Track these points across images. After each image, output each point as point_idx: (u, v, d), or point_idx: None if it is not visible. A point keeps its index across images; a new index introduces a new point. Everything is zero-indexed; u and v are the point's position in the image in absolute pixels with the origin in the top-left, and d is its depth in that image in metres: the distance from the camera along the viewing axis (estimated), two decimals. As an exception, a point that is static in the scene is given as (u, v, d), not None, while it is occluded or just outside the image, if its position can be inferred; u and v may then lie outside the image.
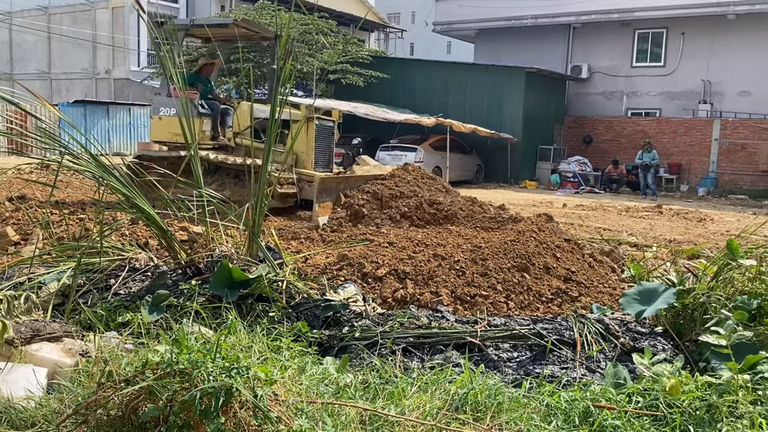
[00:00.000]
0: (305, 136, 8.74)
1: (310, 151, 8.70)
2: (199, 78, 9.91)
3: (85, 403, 1.95)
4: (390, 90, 22.84)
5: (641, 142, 21.78)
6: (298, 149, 8.77)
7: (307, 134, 8.73)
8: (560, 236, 6.00)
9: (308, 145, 8.73)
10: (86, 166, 3.76)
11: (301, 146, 8.78)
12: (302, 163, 8.73)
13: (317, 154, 8.95)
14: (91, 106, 25.22)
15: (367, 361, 3.43)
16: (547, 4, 25.07)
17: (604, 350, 3.71)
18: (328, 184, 7.55)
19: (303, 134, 8.74)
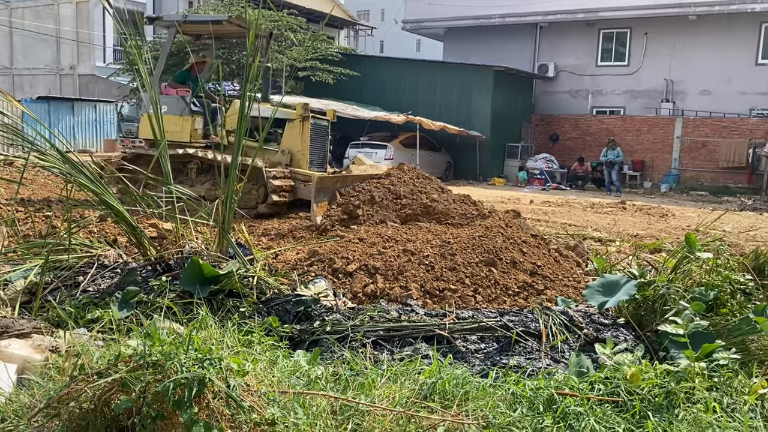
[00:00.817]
0: (300, 135, 8.69)
1: (305, 150, 8.64)
2: (189, 76, 9.80)
3: (57, 397, 1.97)
4: (360, 87, 22.86)
5: (606, 140, 22.22)
6: (293, 148, 8.72)
7: (302, 133, 8.67)
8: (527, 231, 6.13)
9: (303, 144, 8.68)
10: (53, 162, 3.73)
11: (296, 145, 8.72)
12: (297, 163, 8.68)
13: (312, 154, 8.90)
14: (56, 103, 24.71)
15: (338, 354, 3.49)
16: (514, 4, 25.36)
17: (568, 341, 3.82)
18: (326, 184, 7.52)
19: (298, 133, 8.69)
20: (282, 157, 8.63)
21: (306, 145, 8.67)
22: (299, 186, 8.37)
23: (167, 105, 9.00)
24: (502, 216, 6.20)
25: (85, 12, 31.76)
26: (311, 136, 8.89)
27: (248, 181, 8.16)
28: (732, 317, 4.01)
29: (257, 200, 8.25)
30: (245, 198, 8.15)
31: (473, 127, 21.73)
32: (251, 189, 8.27)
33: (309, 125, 8.72)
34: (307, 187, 8.17)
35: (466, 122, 21.76)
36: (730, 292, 4.23)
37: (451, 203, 7.09)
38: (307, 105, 8.97)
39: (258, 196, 8.27)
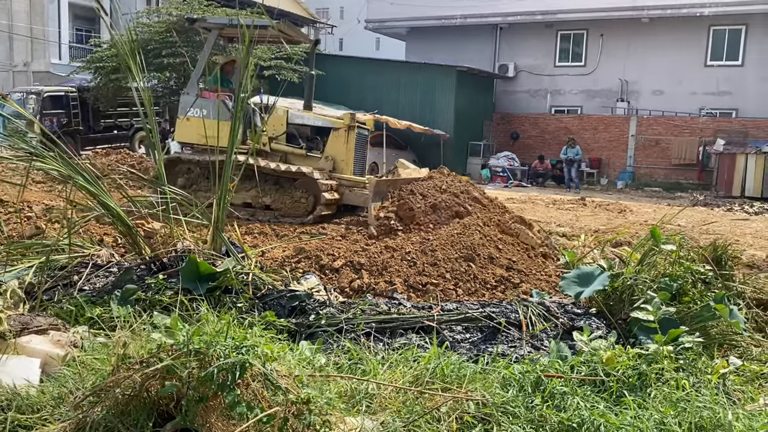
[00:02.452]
0: (345, 144, 8.73)
1: (349, 159, 8.70)
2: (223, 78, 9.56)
3: (103, 384, 2.13)
4: (324, 86, 22.95)
5: (565, 138, 22.87)
6: (337, 156, 8.75)
7: (347, 142, 8.71)
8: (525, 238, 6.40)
9: (348, 153, 8.73)
10: (53, 165, 3.84)
11: (340, 153, 8.76)
12: (340, 170, 8.71)
13: (355, 162, 8.95)
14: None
15: (336, 346, 3.70)
16: (475, 5, 25.83)
17: (546, 330, 4.11)
18: (381, 187, 7.66)
19: (343, 142, 8.72)
20: (325, 163, 8.64)
21: (351, 154, 8.72)
22: (344, 191, 8.42)
23: (206, 109, 8.83)
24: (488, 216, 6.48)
25: (39, 7, 30.98)
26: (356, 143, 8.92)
27: (297, 190, 8.20)
28: (694, 305, 4.37)
29: (306, 209, 8.22)
30: (295, 206, 8.14)
31: (437, 126, 22.10)
32: (300, 198, 8.27)
33: (354, 134, 8.76)
34: (353, 192, 8.28)
35: (430, 121, 22.11)
36: (692, 281, 4.60)
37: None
38: (353, 115, 8.95)
39: (307, 205, 8.26)
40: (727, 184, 19.86)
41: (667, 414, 2.89)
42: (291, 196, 8.26)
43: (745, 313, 4.56)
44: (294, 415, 2.04)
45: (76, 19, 32.68)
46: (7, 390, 2.48)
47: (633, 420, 2.86)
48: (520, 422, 2.81)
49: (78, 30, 32.94)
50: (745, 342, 4.32)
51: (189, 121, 8.90)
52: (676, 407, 3.01)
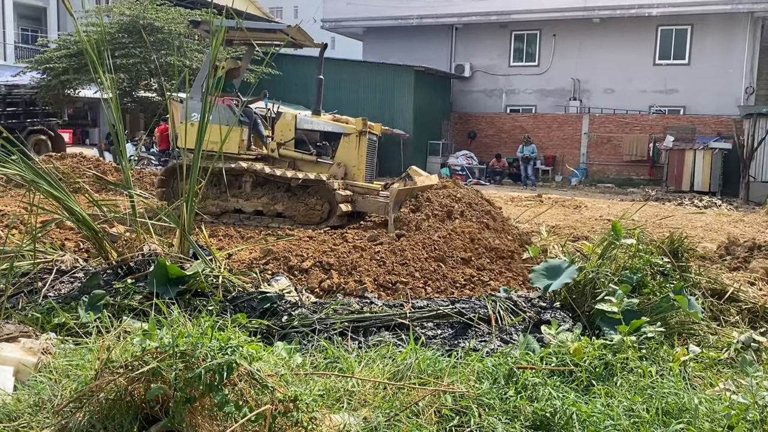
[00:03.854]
0: (357, 149, 8.51)
1: (361, 165, 8.50)
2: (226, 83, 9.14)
3: (87, 389, 2.12)
4: (282, 86, 22.84)
5: (521, 137, 23.29)
6: (349, 162, 8.52)
7: (358, 148, 8.51)
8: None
9: (360, 159, 8.52)
10: (17, 170, 3.75)
11: (351, 160, 8.54)
12: (352, 176, 8.50)
13: (366, 168, 8.75)
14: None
15: (311, 345, 3.72)
16: (431, 5, 26.06)
17: (515, 324, 4.22)
18: (402, 196, 7.51)
19: (354, 147, 8.50)
20: (337, 170, 8.45)
21: (363, 160, 8.52)
22: (358, 199, 8.23)
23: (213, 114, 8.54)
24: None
25: (-18, 6, 29.93)
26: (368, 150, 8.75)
27: (311, 197, 8.04)
28: (654, 296, 4.55)
29: (321, 216, 8.05)
30: (309, 214, 7.96)
31: (396, 126, 22.23)
32: (315, 205, 8.09)
33: (366, 140, 8.58)
34: (366, 199, 8.10)
35: (390, 121, 22.22)
36: (651, 274, 4.78)
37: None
38: (365, 120, 8.72)
39: (322, 212, 8.10)
40: (677, 179, 20.55)
41: (635, 401, 3.02)
42: (305, 203, 8.08)
43: (702, 303, 4.76)
44: (281, 414, 2.07)
45: (21, 19, 31.67)
46: (-19, 399, 2.43)
47: (603, 408, 2.97)
48: (496, 413, 2.89)
49: (24, 30, 31.94)
50: (703, 331, 4.52)
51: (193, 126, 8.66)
52: (643, 394, 3.15)
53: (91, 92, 21.36)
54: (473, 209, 6.53)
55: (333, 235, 6.00)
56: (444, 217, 6.24)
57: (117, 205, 4.63)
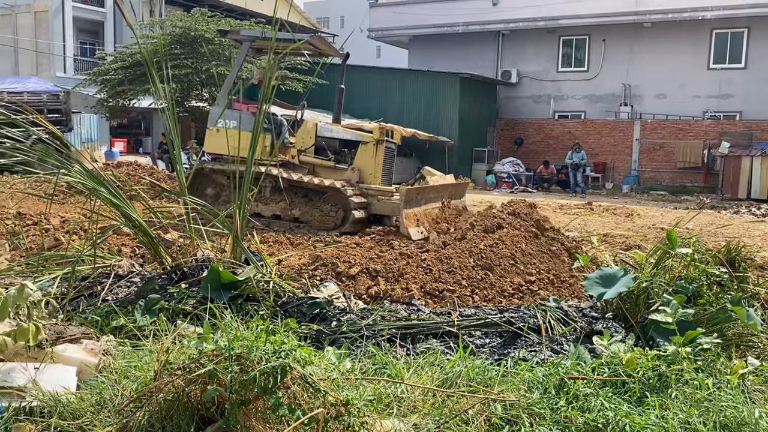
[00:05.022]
0: (374, 157, 8.82)
1: (377, 172, 8.79)
2: (257, 91, 9.72)
3: (146, 390, 2.19)
4: (329, 95, 23.08)
5: (569, 143, 22.94)
6: (366, 169, 8.84)
7: (375, 156, 8.82)
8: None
9: (376, 166, 8.83)
10: (79, 178, 3.91)
11: (368, 167, 8.85)
12: (367, 182, 8.81)
13: (383, 175, 9.02)
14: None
15: (360, 351, 3.75)
16: (477, 12, 26.00)
17: (566, 334, 4.16)
18: (412, 195, 7.78)
19: (371, 155, 8.82)
20: (352, 174, 8.74)
21: (379, 168, 8.79)
22: (373, 201, 8.49)
23: (238, 121, 8.90)
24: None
25: (45, 22, 31.26)
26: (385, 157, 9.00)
27: (326, 203, 8.29)
28: (710, 307, 4.41)
29: (335, 222, 8.29)
30: (324, 219, 8.20)
31: (441, 133, 22.21)
32: (330, 211, 8.34)
33: (383, 148, 8.84)
34: (381, 201, 8.33)
35: (434, 128, 22.22)
36: (707, 284, 4.64)
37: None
38: (383, 129, 9.04)
39: (336, 218, 8.33)
40: (732, 186, 19.88)
41: (691, 414, 2.94)
42: (320, 209, 8.30)
43: (761, 314, 4.59)
44: (334, 418, 2.09)
45: (80, 33, 32.95)
46: (49, 397, 2.54)
47: (657, 420, 2.90)
48: (547, 423, 2.86)
49: (82, 43, 33.21)
50: (762, 343, 4.36)
51: (218, 132, 8.99)
52: (699, 407, 3.06)
53: (145, 103, 22.06)
54: (520, 217, 6.47)
55: (379, 242, 6.04)
56: (491, 226, 6.21)
57: (171, 212, 4.76)
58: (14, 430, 2.36)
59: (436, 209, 8.60)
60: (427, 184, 7.90)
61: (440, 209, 8.70)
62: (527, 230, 6.37)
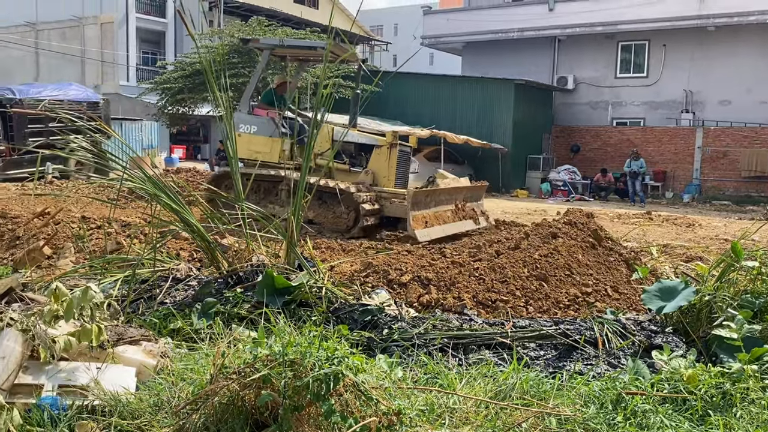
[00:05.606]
0: (387, 161, 9.06)
1: (391, 174, 9.00)
2: (276, 96, 10.04)
3: (202, 393, 2.23)
4: (381, 102, 23.23)
5: (627, 151, 22.37)
6: (379, 172, 9.05)
7: (389, 159, 9.04)
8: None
9: (390, 170, 9.04)
10: (140, 183, 4.03)
11: (382, 170, 9.06)
12: (381, 184, 9.03)
13: (397, 178, 9.23)
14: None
15: (411, 360, 3.73)
16: (533, 18, 25.70)
17: (623, 348, 4.04)
18: (420, 197, 7.93)
19: (385, 159, 9.06)
20: (365, 177, 8.95)
21: (393, 170, 8.99)
22: (385, 204, 8.66)
23: (257, 126, 9.31)
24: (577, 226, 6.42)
25: (110, 32, 32.55)
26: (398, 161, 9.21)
27: (339, 205, 8.48)
28: (778, 323, 4.21)
29: (348, 224, 8.48)
30: (336, 221, 8.40)
31: (495, 140, 22.00)
32: (342, 213, 8.52)
33: (396, 152, 9.03)
34: (394, 204, 8.49)
35: (488, 135, 22.03)
36: (775, 299, 4.43)
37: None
38: (396, 133, 9.29)
39: (348, 220, 8.51)
40: (802, 196, 18.99)
41: (758, 435, 2.81)
42: (333, 211, 8.49)
43: (834, 332, 4.35)
44: (386, 427, 2.09)
45: (142, 43, 34.14)
46: (109, 396, 2.62)
47: (721, 440, 2.79)
48: (603, 440, 2.78)
49: (145, 53, 34.40)
50: (835, 362, 4.13)
51: (240, 137, 9.27)
52: (766, 428, 2.92)
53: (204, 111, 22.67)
54: (577, 227, 6.34)
55: (431, 249, 6.01)
56: (546, 235, 6.10)
57: (228, 217, 4.86)
58: (77, 428, 2.44)
59: (448, 212, 8.65)
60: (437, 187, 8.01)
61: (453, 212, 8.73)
62: (584, 240, 6.22)
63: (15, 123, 17.15)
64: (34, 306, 2.94)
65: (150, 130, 26.86)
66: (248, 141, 9.25)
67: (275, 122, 9.31)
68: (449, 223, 8.66)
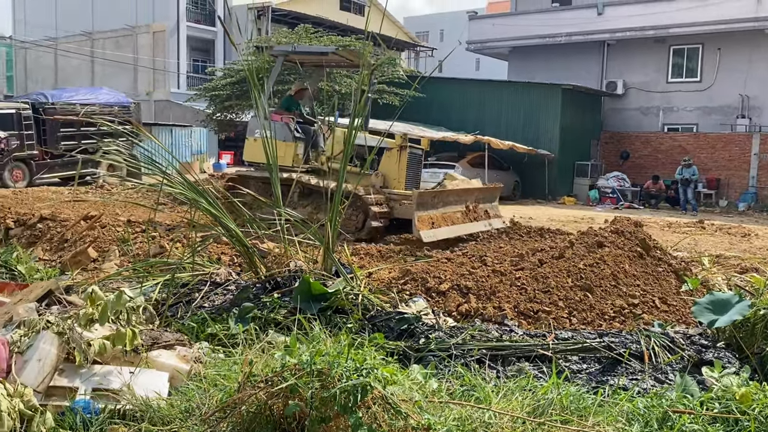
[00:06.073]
0: (397, 163, 9.21)
1: (401, 177, 9.14)
2: (294, 102, 10.36)
3: (230, 401, 2.20)
4: (425, 108, 23.14)
5: (679, 158, 21.69)
6: (390, 174, 9.20)
7: (399, 161, 9.19)
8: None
9: (400, 172, 9.19)
10: (180, 188, 4.06)
11: (392, 172, 9.22)
12: (392, 187, 9.18)
13: (407, 181, 9.36)
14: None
15: (447, 371, 3.64)
16: (581, 22, 25.25)
17: (671, 362, 3.86)
18: (425, 198, 8.05)
19: (395, 161, 9.21)
20: (376, 180, 9.10)
21: (402, 173, 9.13)
22: (395, 206, 8.80)
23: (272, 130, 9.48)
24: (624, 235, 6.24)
25: (162, 41, 33.43)
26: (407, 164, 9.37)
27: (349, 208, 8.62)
28: (840, 340, 3.96)
29: (356, 225, 8.65)
30: (345, 223, 8.53)
31: (541, 146, 21.64)
32: (351, 215, 8.67)
33: (406, 154, 9.17)
34: (403, 205, 8.61)
35: (534, 141, 21.68)
36: (837, 314, 4.17)
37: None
38: (405, 135, 9.47)
39: (357, 222, 8.67)
40: None
41: (818, 461, 2.62)
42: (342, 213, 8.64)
43: None
44: (414, 442, 2.01)
45: (193, 51, 34.94)
46: (141, 402, 2.61)
47: (777, 466, 2.61)
48: (648, 461, 2.64)
49: (195, 60, 35.19)
50: None
51: (256, 141, 9.57)
52: (827, 454, 2.73)
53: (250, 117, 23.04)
54: (624, 236, 6.13)
55: (472, 257, 5.90)
56: (592, 244, 5.92)
57: (262, 225, 4.87)
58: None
59: (458, 213, 8.71)
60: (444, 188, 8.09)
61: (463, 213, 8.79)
62: (631, 249, 6.02)
63: (48, 127, 17.37)
64: (71, 309, 2.97)
65: (199, 136, 27.41)
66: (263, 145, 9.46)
67: (289, 127, 9.59)
68: (458, 224, 8.75)
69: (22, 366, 2.59)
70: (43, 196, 11.71)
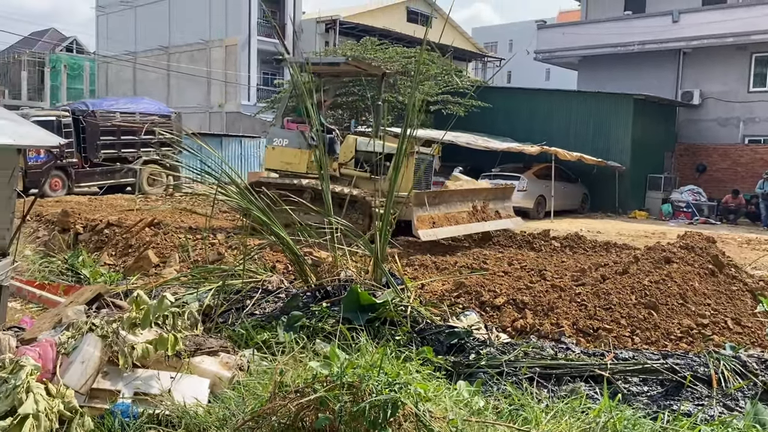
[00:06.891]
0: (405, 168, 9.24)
1: (408, 181, 9.19)
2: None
3: (261, 411, 2.15)
4: (490, 119, 22.83)
5: (760, 171, 20.53)
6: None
7: (406, 167, 9.27)
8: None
9: (407, 176, 9.24)
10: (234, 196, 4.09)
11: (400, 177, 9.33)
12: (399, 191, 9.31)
13: (416, 185, 9.45)
14: (206, 139, 26.71)
15: (496, 389, 3.49)
16: (655, 30, 24.36)
17: (742, 388, 3.58)
18: (421, 198, 8.23)
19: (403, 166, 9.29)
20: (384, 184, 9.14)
21: (409, 177, 9.24)
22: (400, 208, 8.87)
23: (289, 139, 10.03)
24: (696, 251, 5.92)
25: (233, 55, 34.44)
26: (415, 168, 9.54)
27: (355, 212, 8.99)
28: None
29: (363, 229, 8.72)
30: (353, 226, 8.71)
31: (611, 158, 20.93)
32: (357, 219, 8.86)
33: (414, 160, 9.35)
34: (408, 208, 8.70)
35: (604, 152, 21.00)
36: None
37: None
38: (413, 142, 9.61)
39: (363, 226, 8.79)
40: None
41: None
42: (349, 217, 8.82)
43: None
44: (446, 464, 1.90)
45: (263, 64, 35.83)
46: (178, 408, 2.60)
47: None
48: (710, 497, 2.42)
49: (264, 73, 36.06)
50: None
51: (274, 150, 10.06)
52: None
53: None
54: (694, 252, 5.79)
55: (530, 271, 5.70)
56: (659, 260, 5.61)
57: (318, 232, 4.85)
58: (143, 437, 2.44)
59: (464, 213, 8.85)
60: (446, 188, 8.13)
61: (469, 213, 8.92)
62: (702, 266, 5.67)
63: (87, 135, 17.55)
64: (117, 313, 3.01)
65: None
66: (280, 153, 9.96)
67: (304, 135, 9.93)
68: (463, 224, 8.85)
69: (66, 367, 2.63)
70: (116, 204, 12.19)
